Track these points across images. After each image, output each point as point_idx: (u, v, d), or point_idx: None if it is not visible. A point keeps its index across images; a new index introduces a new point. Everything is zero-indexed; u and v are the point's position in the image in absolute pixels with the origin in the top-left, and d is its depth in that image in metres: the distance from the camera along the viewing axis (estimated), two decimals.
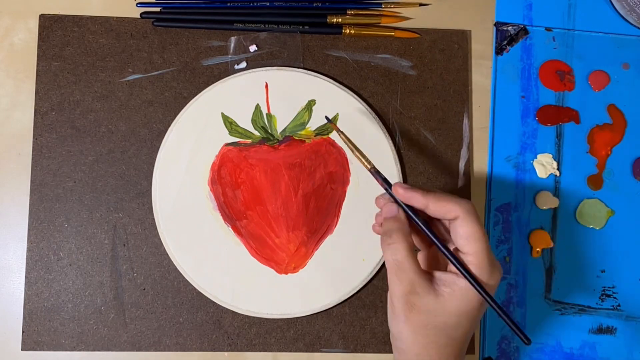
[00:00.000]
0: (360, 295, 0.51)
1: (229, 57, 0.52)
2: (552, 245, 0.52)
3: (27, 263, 0.50)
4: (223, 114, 0.51)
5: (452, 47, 0.54)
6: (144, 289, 0.50)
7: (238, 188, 0.51)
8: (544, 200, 0.53)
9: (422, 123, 0.53)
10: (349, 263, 0.51)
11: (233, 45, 0.52)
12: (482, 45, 0.54)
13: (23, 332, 0.49)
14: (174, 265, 0.50)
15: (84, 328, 0.49)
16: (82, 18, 0.52)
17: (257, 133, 0.51)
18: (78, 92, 0.51)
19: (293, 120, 0.52)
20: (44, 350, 0.49)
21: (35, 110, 0.51)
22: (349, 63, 0.53)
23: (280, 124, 0.52)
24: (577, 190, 0.53)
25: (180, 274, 0.50)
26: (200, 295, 0.50)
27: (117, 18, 0.52)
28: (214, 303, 0.50)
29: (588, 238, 0.53)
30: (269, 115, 0.51)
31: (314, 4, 0.53)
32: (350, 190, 0.51)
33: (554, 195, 0.53)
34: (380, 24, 0.53)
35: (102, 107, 0.51)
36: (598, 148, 0.53)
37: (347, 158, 0.51)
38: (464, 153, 0.53)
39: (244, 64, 0.52)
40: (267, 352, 0.50)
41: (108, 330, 0.49)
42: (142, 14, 0.52)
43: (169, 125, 0.51)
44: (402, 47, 0.53)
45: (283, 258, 0.51)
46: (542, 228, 0.53)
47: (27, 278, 0.50)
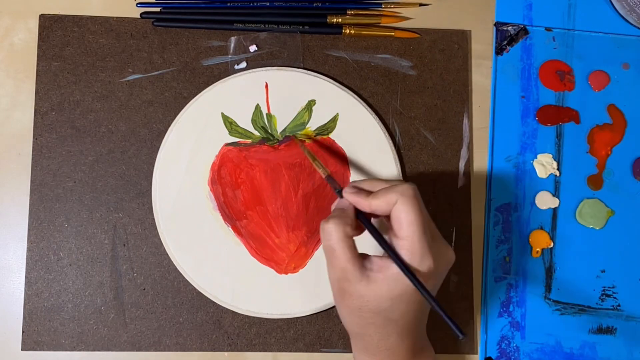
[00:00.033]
0: None
1: (229, 57, 0.52)
2: (552, 245, 0.52)
3: (27, 263, 0.50)
4: (223, 114, 0.51)
5: (452, 47, 0.54)
6: (144, 289, 0.50)
7: (238, 188, 0.51)
8: (544, 200, 0.53)
9: (422, 123, 0.53)
10: None
11: (233, 45, 0.52)
12: (482, 45, 0.54)
13: (23, 332, 0.49)
14: (174, 265, 0.50)
15: (84, 328, 0.49)
16: (82, 18, 0.52)
17: (257, 133, 0.51)
18: (78, 92, 0.51)
19: (293, 120, 0.52)
20: (44, 350, 0.49)
21: (35, 110, 0.51)
22: (349, 63, 0.53)
23: (280, 124, 0.52)
24: (577, 190, 0.53)
25: (180, 274, 0.50)
26: (200, 295, 0.50)
27: (117, 18, 0.52)
28: (214, 303, 0.50)
29: (588, 238, 0.53)
30: (269, 115, 0.51)
31: (314, 4, 0.53)
32: None
33: (554, 195, 0.53)
34: (380, 24, 0.53)
35: (102, 107, 0.51)
36: (598, 148, 0.53)
37: (347, 158, 0.51)
38: (464, 153, 0.53)
39: (244, 64, 0.52)
40: (267, 352, 0.50)
41: (108, 330, 0.49)
42: (142, 14, 0.52)
43: (169, 125, 0.51)
44: (402, 47, 0.53)
45: (283, 258, 0.51)
46: (542, 228, 0.53)
47: (27, 278, 0.50)
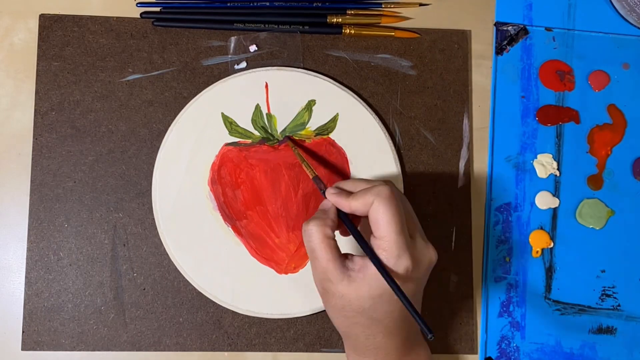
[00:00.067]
0: None
1: (229, 57, 0.52)
2: (552, 245, 0.52)
3: (27, 263, 0.50)
4: (223, 114, 0.51)
5: (452, 47, 0.54)
6: (144, 289, 0.50)
7: (238, 188, 0.51)
8: (544, 200, 0.53)
9: (422, 123, 0.53)
10: None
11: (233, 45, 0.52)
12: (482, 45, 0.54)
13: (23, 332, 0.49)
14: (174, 265, 0.50)
15: (84, 328, 0.49)
16: (82, 18, 0.52)
17: (257, 133, 0.51)
18: (78, 92, 0.51)
19: (293, 120, 0.52)
20: (44, 350, 0.49)
21: (35, 110, 0.51)
22: (349, 63, 0.53)
23: (280, 124, 0.52)
24: (577, 190, 0.53)
25: (180, 274, 0.50)
26: (200, 295, 0.50)
27: (117, 18, 0.52)
28: (214, 303, 0.50)
29: (588, 238, 0.53)
30: (269, 115, 0.51)
31: (314, 4, 0.53)
32: None
33: (554, 195, 0.53)
34: (380, 24, 0.53)
35: (102, 107, 0.51)
36: (598, 148, 0.53)
37: (347, 158, 0.51)
38: (464, 153, 0.53)
39: (244, 64, 0.52)
40: (267, 352, 0.50)
41: (108, 330, 0.49)
42: (142, 14, 0.52)
43: (169, 125, 0.51)
44: (402, 47, 0.53)
45: (283, 258, 0.51)
46: (542, 228, 0.53)
47: (27, 278, 0.50)
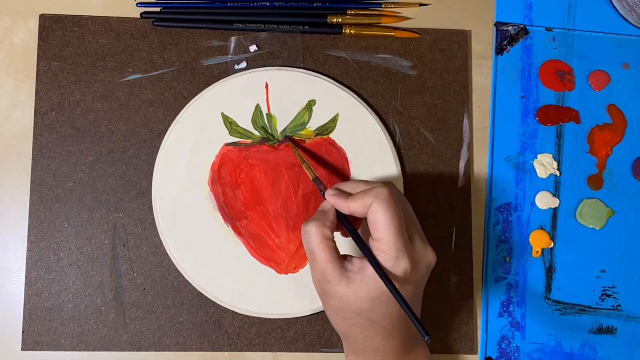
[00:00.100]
0: None
1: (229, 57, 0.52)
2: (552, 245, 0.52)
3: (27, 263, 0.50)
4: (223, 114, 0.51)
5: (452, 47, 0.54)
6: (144, 289, 0.50)
7: (238, 188, 0.51)
8: (544, 200, 0.53)
9: (422, 123, 0.53)
10: None
11: (233, 45, 0.52)
12: (482, 45, 0.54)
13: (23, 332, 0.49)
14: (174, 265, 0.50)
15: (84, 328, 0.49)
16: (82, 18, 0.52)
17: (257, 133, 0.51)
18: (78, 92, 0.51)
19: (293, 120, 0.52)
20: (44, 350, 0.49)
21: (35, 110, 0.51)
22: (349, 63, 0.53)
23: (280, 124, 0.52)
24: (577, 190, 0.53)
25: (180, 274, 0.50)
26: (200, 295, 0.50)
27: (117, 18, 0.52)
28: (214, 303, 0.50)
29: (588, 238, 0.53)
30: (269, 115, 0.51)
31: (314, 4, 0.53)
32: None
33: (554, 195, 0.53)
34: (380, 24, 0.53)
35: (102, 107, 0.51)
36: (598, 148, 0.53)
37: (347, 158, 0.51)
38: (464, 153, 0.53)
39: (244, 64, 0.52)
40: (267, 352, 0.50)
41: (108, 330, 0.49)
42: (142, 14, 0.52)
43: (169, 125, 0.51)
44: (402, 47, 0.53)
45: (283, 258, 0.51)
46: (542, 228, 0.53)
47: (27, 278, 0.50)
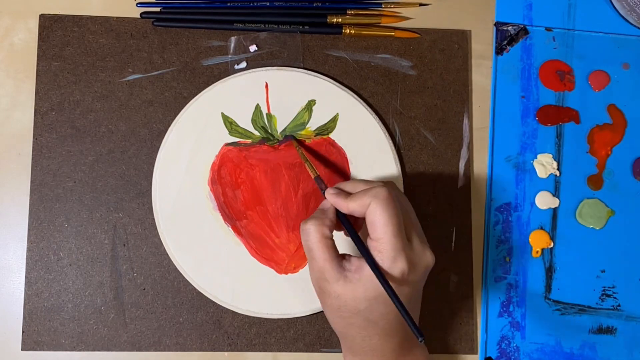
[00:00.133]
0: None
1: (229, 57, 0.52)
2: (552, 245, 0.52)
3: (27, 263, 0.50)
4: (223, 114, 0.51)
5: (452, 47, 0.54)
6: (144, 289, 0.50)
7: (238, 188, 0.51)
8: (544, 200, 0.53)
9: (422, 123, 0.53)
10: None
11: (233, 45, 0.52)
12: (482, 45, 0.54)
13: (23, 332, 0.49)
14: (174, 265, 0.50)
15: (84, 328, 0.49)
16: (82, 18, 0.52)
17: (257, 133, 0.51)
18: (78, 92, 0.51)
19: (293, 120, 0.52)
20: (44, 350, 0.49)
21: (35, 110, 0.51)
22: (349, 63, 0.53)
23: (280, 124, 0.52)
24: (577, 190, 0.53)
25: (180, 274, 0.50)
26: (200, 295, 0.50)
27: (117, 18, 0.52)
28: (214, 303, 0.50)
29: (588, 238, 0.53)
30: (269, 115, 0.51)
31: (314, 4, 0.53)
32: None
33: (554, 195, 0.53)
34: (380, 24, 0.53)
35: (102, 107, 0.51)
36: (598, 148, 0.53)
37: (347, 158, 0.51)
38: (464, 153, 0.53)
39: (244, 64, 0.52)
40: (267, 352, 0.50)
41: (108, 330, 0.49)
42: (142, 14, 0.52)
43: (169, 125, 0.51)
44: (402, 47, 0.53)
45: (283, 258, 0.51)
46: (542, 228, 0.53)
47: (27, 278, 0.50)
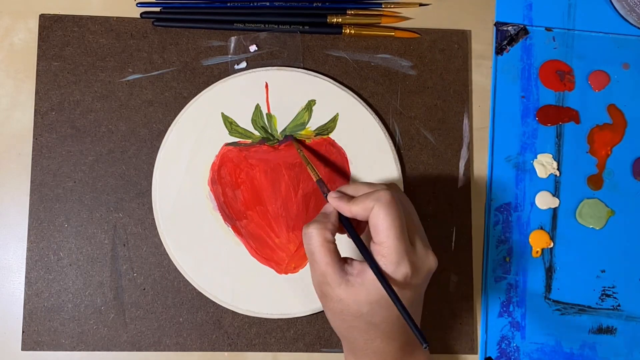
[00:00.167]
0: None
1: (229, 57, 0.52)
2: (552, 245, 0.52)
3: (27, 263, 0.50)
4: (223, 114, 0.51)
5: (452, 47, 0.54)
6: (144, 289, 0.50)
7: (238, 188, 0.51)
8: (544, 200, 0.53)
9: (422, 123, 0.53)
10: None
11: (233, 45, 0.52)
12: (482, 45, 0.54)
13: (23, 332, 0.49)
14: (174, 265, 0.50)
15: (84, 328, 0.49)
16: (82, 18, 0.52)
17: (257, 133, 0.51)
18: (78, 92, 0.51)
19: (293, 120, 0.52)
20: (44, 350, 0.49)
21: (35, 110, 0.51)
22: (349, 63, 0.53)
23: (280, 124, 0.52)
24: (577, 190, 0.53)
25: (180, 274, 0.50)
26: (200, 295, 0.50)
27: (117, 18, 0.52)
28: (214, 303, 0.50)
29: (588, 238, 0.53)
30: (269, 115, 0.51)
31: (314, 4, 0.53)
32: None
33: (554, 195, 0.53)
34: (380, 24, 0.53)
35: (102, 107, 0.51)
36: (598, 148, 0.53)
37: (347, 158, 0.51)
38: (464, 153, 0.53)
39: (244, 64, 0.52)
40: (267, 352, 0.50)
41: (108, 330, 0.49)
42: (142, 14, 0.52)
43: (169, 125, 0.51)
44: (402, 47, 0.53)
45: (283, 258, 0.51)
46: (542, 228, 0.53)
47: (27, 278, 0.50)
